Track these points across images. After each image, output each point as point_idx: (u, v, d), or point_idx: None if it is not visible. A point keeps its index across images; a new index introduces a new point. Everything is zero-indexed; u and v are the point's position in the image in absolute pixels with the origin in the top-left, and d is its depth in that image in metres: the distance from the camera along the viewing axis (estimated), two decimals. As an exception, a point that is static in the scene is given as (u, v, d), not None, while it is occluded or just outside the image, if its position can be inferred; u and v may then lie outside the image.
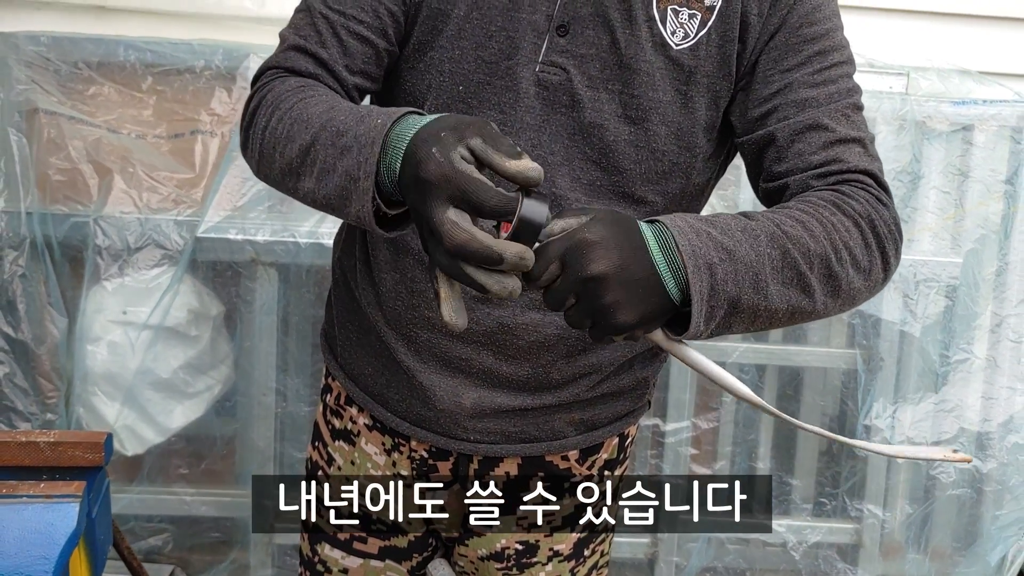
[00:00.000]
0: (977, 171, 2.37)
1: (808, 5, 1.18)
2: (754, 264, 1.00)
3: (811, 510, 2.49)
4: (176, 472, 2.39)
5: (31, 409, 2.26)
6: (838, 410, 2.47)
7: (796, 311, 1.05)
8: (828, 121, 1.16)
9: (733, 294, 0.99)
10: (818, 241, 1.05)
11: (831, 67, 1.18)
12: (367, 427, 1.40)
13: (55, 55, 2.22)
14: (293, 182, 1.12)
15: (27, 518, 1.37)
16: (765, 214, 1.07)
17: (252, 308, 2.29)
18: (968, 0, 2.44)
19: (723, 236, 1.00)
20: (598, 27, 1.18)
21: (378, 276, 1.31)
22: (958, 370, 2.40)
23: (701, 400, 2.45)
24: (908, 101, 2.32)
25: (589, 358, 1.31)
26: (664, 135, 1.20)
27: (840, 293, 1.08)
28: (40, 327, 2.25)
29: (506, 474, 1.37)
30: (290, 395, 2.35)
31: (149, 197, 2.26)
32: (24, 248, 2.22)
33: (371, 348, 1.36)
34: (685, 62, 1.18)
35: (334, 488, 1.44)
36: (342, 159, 1.03)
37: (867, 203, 1.13)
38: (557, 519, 1.39)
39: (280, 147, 1.12)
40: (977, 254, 2.38)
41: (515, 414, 1.32)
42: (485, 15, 1.18)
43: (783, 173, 1.18)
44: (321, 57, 1.20)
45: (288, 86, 1.18)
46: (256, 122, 1.18)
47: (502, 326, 1.26)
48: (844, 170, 1.16)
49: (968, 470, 2.43)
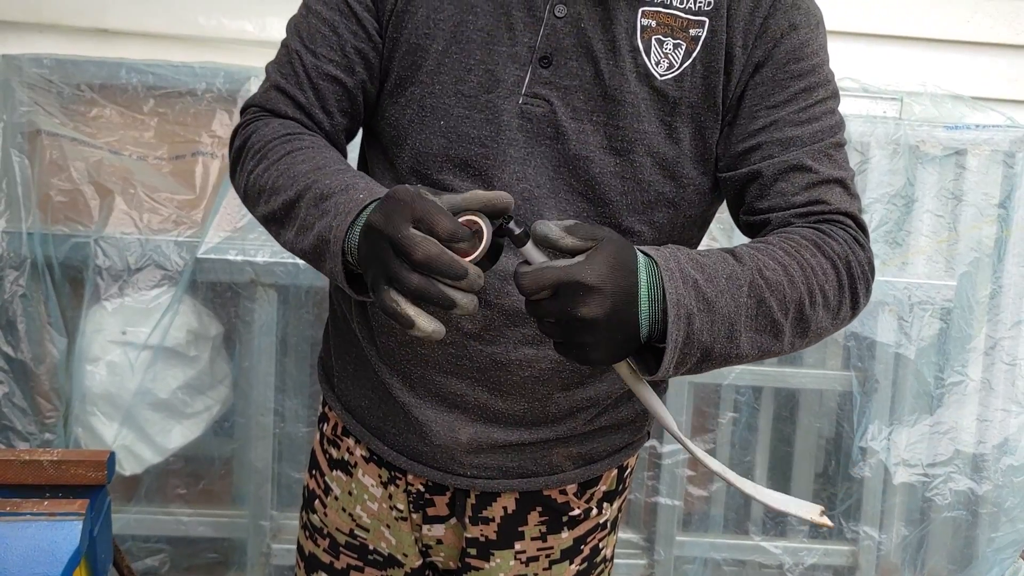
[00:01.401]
0: (970, 195, 2.38)
1: (796, 40, 1.18)
2: (731, 315, 1.02)
3: (807, 532, 2.49)
4: (174, 492, 2.38)
5: (30, 429, 2.26)
6: (834, 432, 2.48)
7: (765, 353, 1.07)
8: (811, 163, 1.17)
9: (707, 343, 1.01)
10: (795, 287, 1.07)
11: (816, 104, 1.19)
12: (364, 459, 1.38)
13: (58, 77, 2.24)
14: (276, 229, 1.19)
15: (30, 536, 1.38)
16: (751, 254, 1.07)
17: (251, 329, 2.30)
18: (961, 27, 2.46)
19: (707, 284, 1.01)
20: (581, 58, 1.17)
21: (371, 311, 1.30)
22: (953, 392, 2.41)
23: (698, 422, 2.46)
24: (902, 126, 2.34)
25: (587, 391, 1.30)
26: (649, 166, 1.19)
27: (808, 333, 1.11)
28: (40, 347, 2.26)
29: (504, 509, 1.35)
30: (288, 416, 2.35)
31: (150, 218, 2.27)
32: (25, 268, 2.23)
33: (367, 381, 1.34)
34: (670, 92, 1.17)
35: (331, 518, 1.44)
36: (321, 220, 1.08)
37: (845, 244, 1.15)
38: (556, 552, 1.38)
39: (265, 196, 1.18)
40: (971, 277, 2.39)
41: (512, 449, 1.30)
42: (464, 49, 1.18)
43: (765, 209, 1.18)
44: (299, 101, 1.24)
45: (273, 131, 1.22)
46: (243, 164, 1.24)
47: (495, 362, 1.25)
48: (827, 211, 1.17)
49: (964, 492, 2.43)
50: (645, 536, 2.50)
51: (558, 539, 1.38)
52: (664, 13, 1.17)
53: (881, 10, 2.43)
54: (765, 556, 2.47)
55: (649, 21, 1.17)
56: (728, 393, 2.45)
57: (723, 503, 2.49)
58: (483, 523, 1.36)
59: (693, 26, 1.17)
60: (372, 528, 1.40)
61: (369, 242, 1.00)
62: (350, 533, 1.41)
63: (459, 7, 1.18)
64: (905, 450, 2.41)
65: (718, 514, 2.49)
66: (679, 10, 1.17)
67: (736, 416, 2.46)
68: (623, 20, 1.16)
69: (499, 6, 1.18)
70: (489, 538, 1.36)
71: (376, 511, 1.39)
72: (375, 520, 1.39)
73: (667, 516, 2.44)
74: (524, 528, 1.36)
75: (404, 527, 1.38)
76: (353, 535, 1.41)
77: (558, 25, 1.16)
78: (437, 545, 1.39)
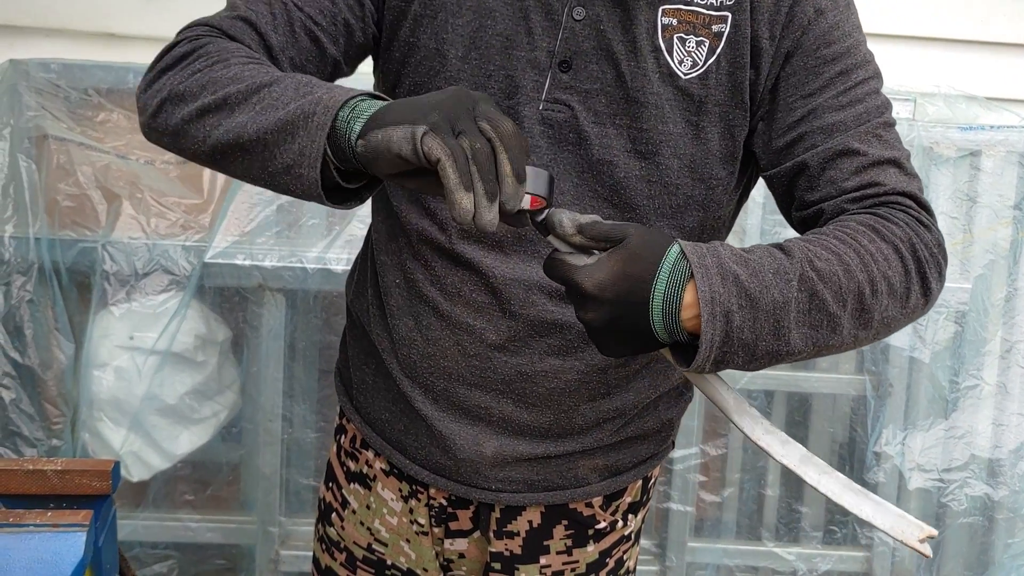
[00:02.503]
0: (985, 196, 2.36)
1: (825, 24, 1.14)
2: (778, 311, 0.98)
3: (821, 538, 2.47)
4: (182, 498, 2.38)
5: (37, 435, 2.26)
6: (847, 437, 2.45)
7: (822, 348, 1.02)
8: (859, 145, 1.12)
9: (749, 340, 0.98)
10: (852, 276, 1.02)
11: (856, 86, 1.14)
12: (384, 472, 1.36)
13: (65, 82, 2.23)
14: (215, 119, 1.03)
15: (34, 547, 1.37)
16: (801, 246, 1.03)
17: (259, 334, 2.29)
18: (975, 27, 2.44)
19: (750, 280, 0.97)
20: (602, 61, 1.14)
21: (392, 323, 1.27)
22: (968, 396, 2.39)
23: (709, 426, 2.44)
24: (915, 127, 2.32)
25: (613, 402, 1.27)
26: (677, 168, 1.16)
27: (872, 324, 1.05)
28: (47, 352, 2.25)
29: (529, 523, 1.33)
30: (296, 421, 2.34)
31: (157, 223, 2.26)
32: (32, 273, 2.22)
33: (388, 393, 1.32)
34: (694, 92, 1.15)
35: (348, 531, 1.42)
36: (300, 100, 0.98)
37: (907, 226, 1.09)
38: (581, 566, 1.36)
39: (215, 88, 1.03)
40: (986, 280, 2.37)
41: (538, 462, 1.28)
42: (483, 55, 1.16)
43: (816, 201, 1.14)
44: (269, 41, 1.13)
45: (237, 49, 1.09)
46: (187, 65, 1.08)
47: (520, 374, 1.23)
48: (882, 193, 1.11)
49: (980, 497, 2.41)
50: (657, 542, 2.48)
51: (584, 553, 1.36)
52: (685, 10, 1.14)
53: (894, 10, 2.41)
54: (778, 562, 2.45)
55: (670, 19, 1.14)
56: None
57: (735, 509, 2.47)
58: (508, 537, 1.33)
59: (716, 22, 1.14)
60: (391, 543, 1.37)
61: (441, 96, 0.93)
62: (368, 548, 1.39)
63: (477, 12, 1.16)
64: (920, 455, 2.38)
65: (730, 520, 2.47)
66: (700, 6, 1.14)
67: (748, 421, 2.43)
68: (643, 20, 1.14)
69: (517, 11, 1.15)
70: (514, 552, 1.34)
71: (395, 525, 1.36)
72: (394, 535, 1.37)
73: (679, 522, 2.42)
74: (549, 542, 1.34)
75: (425, 542, 1.36)
76: (371, 549, 1.39)
77: (577, 28, 1.14)
78: (459, 559, 1.37)
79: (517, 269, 1.19)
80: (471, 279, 1.21)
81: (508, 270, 1.19)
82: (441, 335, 1.24)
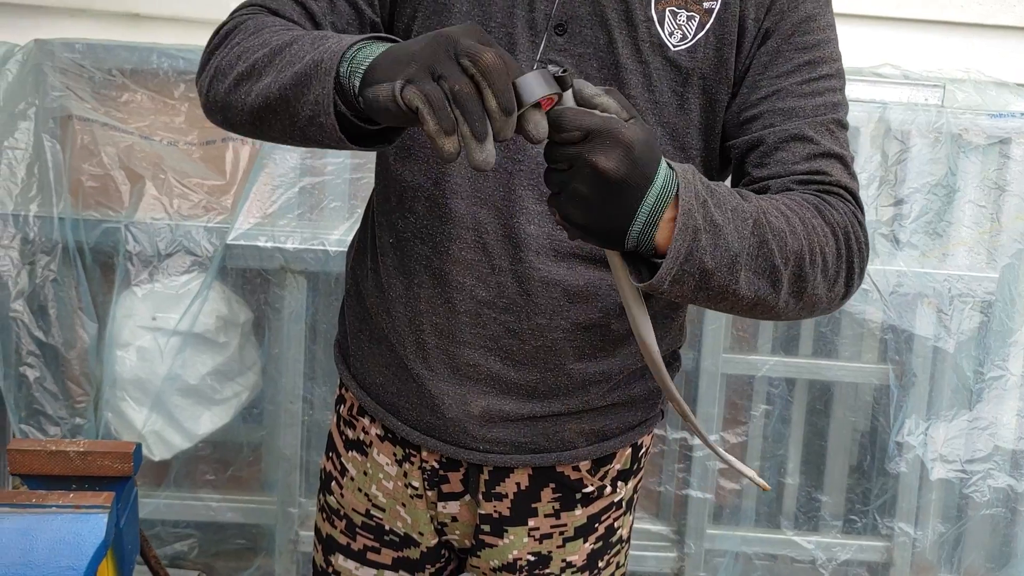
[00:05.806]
0: (1014, 185, 2.33)
1: (802, 13, 1.19)
2: (734, 247, 1.00)
3: (841, 527, 2.46)
4: (203, 478, 2.40)
5: (60, 413, 2.28)
6: (869, 426, 2.44)
7: (759, 303, 1.05)
8: (813, 133, 1.17)
9: (708, 267, 0.99)
10: (797, 238, 1.06)
11: (820, 79, 1.19)
12: (379, 437, 1.39)
13: (89, 62, 2.24)
14: (248, 85, 1.08)
15: (56, 528, 1.38)
16: (756, 198, 1.06)
17: (280, 316, 2.29)
18: (1007, 12, 2.41)
19: (716, 210, 1.00)
20: (596, 26, 1.18)
21: (387, 282, 1.31)
22: (993, 387, 2.37)
23: (730, 414, 2.43)
24: (944, 114, 2.29)
25: (599, 365, 1.30)
26: (660, 136, 1.20)
27: (804, 296, 1.09)
28: (71, 332, 2.27)
29: (517, 485, 1.36)
30: (317, 403, 2.35)
31: (180, 203, 2.27)
32: (56, 253, 2.24)
33: (382, 357, 1.35)
34: (682, 64, 1.19)
35: (347, 499, 1.44)
36: (313, 52, 1.01)
37: (846, 216, 1.14)
38: (569, 530, 1.39)
39: (247, 56, 1.09)
40: (1013, 269, 2.34)
41: (524, 422, 1.31)
42: (486, 11, 1.19)
43: (764, 177, 1.18)
44: (311, 9, 1.18)
45: (274, 21, 1.15)
46: (229, 42, 1.14)
47: (508, 330, 1.26)
48: (827, 182, 1.16)
49: (1003, 489, 2.39)
50: (675, 529, 2.48)
51: (572, 516, 1.38)
52: None
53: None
54: (797, 551, 2.44)
55: None
56: (761, 385, 2.42)
57: (755, 496, 2.46)
58: (496, 499, 1.36)
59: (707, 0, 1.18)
60: (388, 507, 1.40)
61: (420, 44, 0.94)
62: (366, 513, 1.42)
63: None
64: (943, 445, 2.37)
65: (750, 507, 2.47)
66: None
67: (769, 408, 2.43)
68: None
69: None
70: (503, 514, 1.37)
71: (391, 490, 1.39)
72: (391, 499, 1.40)
73: (698, 509, 2.42)
74: (537, 505, 1.37)
75: (419, 505, 1.39)
76: (369, 515, 1.42)
77: None
78: (452, 523, 1.40)
79: (508, 226, 1.22)
80: (462, 235, 1.24)
81: (499, 227, 1.23)
82: (432, 292, 1.27)
